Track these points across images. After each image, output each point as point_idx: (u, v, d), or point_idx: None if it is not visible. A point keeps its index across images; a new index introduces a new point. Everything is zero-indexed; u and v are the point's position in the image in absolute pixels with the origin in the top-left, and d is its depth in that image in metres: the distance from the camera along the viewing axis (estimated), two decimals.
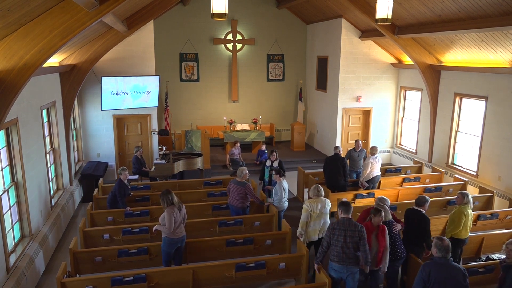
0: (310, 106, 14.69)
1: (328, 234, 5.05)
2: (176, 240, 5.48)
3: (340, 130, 12.50)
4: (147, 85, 10.58)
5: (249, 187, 6.96)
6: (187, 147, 11.10)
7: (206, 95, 14.41)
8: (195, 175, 10.50)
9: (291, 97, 15.17)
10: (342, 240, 4.96)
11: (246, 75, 14.64)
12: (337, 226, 5.02)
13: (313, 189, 6.13)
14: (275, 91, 15.02)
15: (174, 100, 14.13)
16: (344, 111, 12.40)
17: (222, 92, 14.53)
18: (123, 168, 7.25)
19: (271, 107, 15.06)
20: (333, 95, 12.69)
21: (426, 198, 5.54)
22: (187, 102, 14.29)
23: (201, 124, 14.12)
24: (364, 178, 8.56)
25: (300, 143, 13.87)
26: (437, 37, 9.29)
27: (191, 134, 11.13)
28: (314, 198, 6.09)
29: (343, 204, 5.06)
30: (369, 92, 12.41)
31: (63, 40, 4.92)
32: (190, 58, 13.97)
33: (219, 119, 14.24)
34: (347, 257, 4.95)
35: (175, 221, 5.42)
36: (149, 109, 10.96)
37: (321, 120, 13.70)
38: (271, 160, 8.54)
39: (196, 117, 14.27)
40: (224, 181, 9.02)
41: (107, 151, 10.82)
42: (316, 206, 6.01)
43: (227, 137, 13.00)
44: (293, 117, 15.22)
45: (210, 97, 14.46)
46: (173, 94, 14.08)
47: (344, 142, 12.65)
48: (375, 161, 8.50)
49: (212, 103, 14.51)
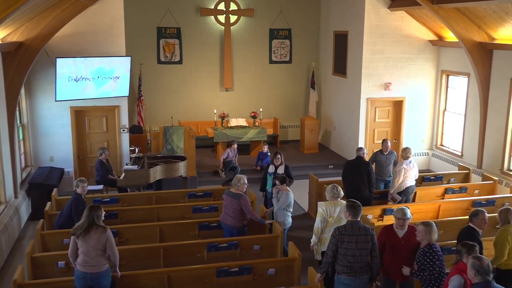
0: (325, 95, 14.69)
1: (334, 242, 5.31)
2: (81, 276, 5.41)
3: (364, 127, 12.53)
4: (115, 68, 10.60)
5: (245, 201, 6.99)
6: (167, 149, 11.10)
7: (191, 82, 14.42)
8: (176, 185, 10.57)
9: (300, 84, 15.18)
10: (354, 247, 5.26)
11: (242, 55, 14.69)
12: (346, 232, 5.29)
13: (330, 189, 6.43)
14: (280, 76, 15.03)
15: (150, 88, 14.13)
16: (369, 102, 12.43)
17: (211, 78, 14.57)
18: (81, 179, 7.22)
19: (275, 97, 15.09)
20: (354, 81, 12.70)
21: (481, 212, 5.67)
22: (166, 91, 14.30)
23: (184, 119, 14.09)
24: (395, 190, 8.63)
25: (312, 143, 13.94)
26: (488, 7, 9.35)
27: (172, 132, 11.12)
28: (332, 200, 6.36)
29: (352, 205, 5.38)
30: (401, 77, 12.50)
31: (7, 10, 4.86)
32: (171, 34, 14.01)
33: (208, 112, 14.19)
34: (360, 267, 5.25)
35: (81, 250, 5.40)
36: (117, 99, 10.98)
37: (340, 113, 13.68)
38: (274, 165, 8.58)
39: (178, 110, 14.26)
40: (215, 193, 9.05)
41: (63, 153, 10.84)
42: (333, 209, 6.23)
43: (218, 135, 13.01)
44: (304, 110, 15.27)
45: (196, 84, 14.45)
46: (149, 80, 14.09)
47: (369, 142, 12.68)
48: (409, 167, 8.58)
49: (199, 92, 14.53)
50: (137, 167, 9.90)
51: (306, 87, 15.13)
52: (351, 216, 5.38)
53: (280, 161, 8.55)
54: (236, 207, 6.98)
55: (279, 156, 8.56)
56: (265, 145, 12.37)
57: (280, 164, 8.54)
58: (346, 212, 5.40)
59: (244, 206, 6.97)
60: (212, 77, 14.55)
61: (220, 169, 11.96)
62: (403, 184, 8.59)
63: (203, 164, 12.66)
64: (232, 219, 7.04)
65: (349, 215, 5.39)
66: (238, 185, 7.04)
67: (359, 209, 5.39)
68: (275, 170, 8.51)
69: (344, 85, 13.34)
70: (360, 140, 12.55)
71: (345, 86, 13.28)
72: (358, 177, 8.35)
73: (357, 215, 5.39)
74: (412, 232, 5.51)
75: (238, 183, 7.04)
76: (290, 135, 15.28)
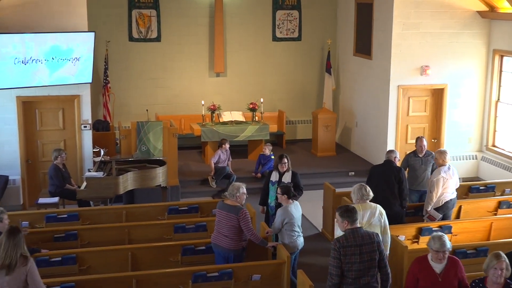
0: (345, 82, 14.61)
1: (337, 256, 5.52)
2: None
3: (394, 123, 12.46)
4: (74, 47, 10.55)
5: (245, 216, 6.99)
6: (141, 151, 11.09)
7: (172, 65, 14.34)
8: (153, 197, 10.48)
9: (312, 67, 15.10)
10: (358, 260, 5.52)
11: (238, 31, 14.62)
12: (348, 243, 5.53)
13: (358, 189, 6.70)
14: (287, 57, 14.95)
15: (120, 72, 14.03)
16: (401, 91, 12.40)
17: (198, 60, 14.49)
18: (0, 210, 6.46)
19: (280, 85, 14.97)
20: (382, 64, 12.65)
21: None
22: (140, 76, 14.21)
23: (164, 113, 14.01)
24: (432, 206, 8.61)
25: (327, 143, 13.86)
26: None
27: (148, 129, 11.10)
28: (359, 204, 6.59)
29: (347, 211, 5.63)
30: (441, 59, 12.44)
31: None
32: (146, 2, 13.99)
33: (194, 104, 14.11)
34: (367, 282, 5.52)
35: None
36: (77, 87, 10.93)
37: (363, 105, 13.63)
38: (279, 171, 8.56)
39: (155, 101, 14.17)
40: (203, 207, 8.97)
41: (7, 157, 10.75)
42: (361, 214, 6.37)
43: (208, 133, 12.97)
44: (317, 101, 15.13)
45: (179, 68, 14.40)
46: (118, 63, 13.99)
47: (401, 143, 12.59)
48: (448, 175, 8.55)
49: (183, 78, 14.44)
50: (102, 174, 9.83)
51: (320, 72, 15.00)
52: (349, 224, 5.62)
53: (287, 167, 8.53)
54: (233, 224, 6.95)
55: (286, 160, 8.53)
56: (268, 146, 12.30)
57: (286, 171, 8.52)
58: (343, 222, 5.62)
59: (243, 222, 6.94)
60: (199, 58, 14.47)
61: (210, 177, 11.90)
62: (442, 197, 8.56)
63: (188, 171, 12.53)
64: (228, 239, 6.98)
65: (348, 223, 5.62)
66: (236, 196, 7.04)
67: (355, 212, 5.66)
68: (279, 178, 8.48)
69: (368, 68, 13.28)
70: (389, 140, 12.48)
71: (370, 70, 13.22)
72: (387, 187, 8.33)
73: (355, 220, 5.64)
74: (454, 265, 5.51)
75: (237, 193, 7.04)
76: (299, 133, 15.20)
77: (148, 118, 12.52)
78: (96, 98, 13.40)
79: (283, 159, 8.53)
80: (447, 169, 8.53)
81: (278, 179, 8.46)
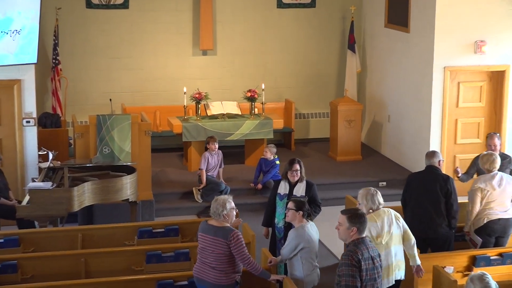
0: (373, 62, 14.67)
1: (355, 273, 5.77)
2: None
3: (439, 116, 12.49)
4: (13, 16, 10.54)
5: (236, 239, 6.96)
6: (103, 154, 11.05)
7: (143, 39, 14.39)
8: (119, 215, 10.58)
9: (330, 43, 15.14)
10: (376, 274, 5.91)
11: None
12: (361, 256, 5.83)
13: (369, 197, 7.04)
14: (296, 30, 14.97)
15: (75, 50, 14.08)
16: (449, 75, 12.38)
17: (179, 32, 14.54)
18: None
19: (287, 66, 14.97)
20: (423, 38, 12.68)
21: None
22: (102, 55, 14.26)
23: (133, 103, 14.11)
24: (471, 225, 8.65)
25: (350, 144, 13.88)
26: None
27: (112, 125, 11.07)
28: (372, 214, 6.87)
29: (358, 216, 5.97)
30: (501, 32, 12.44)
31: None
32: None
33: (173, 91, 14.26)
34: None
35: None
36: (17, 69, 10.98)
37: (398, 93, 13.67)
38: (289, 181, 8.58)
39: (122, 88, 14.29)
40: (184, 228, 9.01)
41: None
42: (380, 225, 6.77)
43: (191, 130, 12.90)
44: (336, 88, 15.19)
45: (153, 43, 14.42)
46: (72, 37, 14.04)
47: (449, 143, 12.59)
48: (491, 185, 8.54)
49: (158, 57, 14.49)
50: (51, 185, 9.72)
51: (341, 49, 15.04)
52: (358, 232, 5.95)
53: (299, 176, 8.55)
54: (222, 251, 6.93)
55: (298, 166, 8.52)
56: (270, 147, 12.28)
57: (298, 181, 8.54)
58: (350, 229, 5.92)
59: (235, 247, 6.91)
60: (180, 31, 14.50)
61: (195, 189, 11.87)
62: (483, 215, 8.55)
63: (165, 180, 12.54)
64: (216, 272, 6.94)
65: (356, 231, 5.94)
66: (222, 214, 7.01)
67: (366, 220, 6.03)
68: (289, 190, 8.51)
69: (405, 44, 13.26)
70: (432, 139, 12.45)
71: (407, 46, 13.20)
72: (430, 202, 8.34)
73: (365, 230, 6.03)
74: None
75: (223, 210, 7.00)
76: (313, 131, 15.21)
77: (112, 111, 12.69)
78: (42, 84, 13.41)
79: (295, 165, 8.51)
80: (491, 177, 8.52)
81: (288, 192, 8.47)
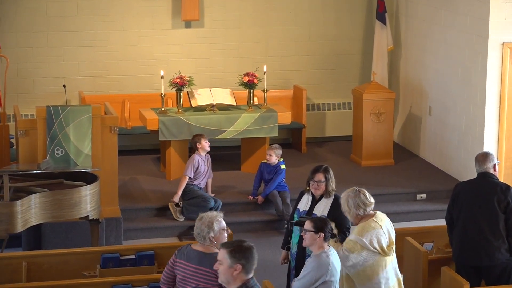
0: (410, 38, 14.78)
1: None
2: None
3: (497, 107, 12.43)
4: None
5: None
6: (54, 157, 10.93)
7: (108, 7, 14.39)
8: (76, 237, 10.82)
9: (352, 12, 15.19)
10: None
11: None
12: None
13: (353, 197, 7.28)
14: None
15: (17, 22, 14.14)
16: (508, 52, 12.27)
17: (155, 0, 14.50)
18: None
19: (296, 43, 15.01)
20: (475, 8, 12.62)
21: None
22: (53, 28, 14.23)
23: (93, 91, 14.35)
24: None
25: (380, 143, 13.86)
26: None
27: (67, 119, 10.98)
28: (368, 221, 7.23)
29: (238, 249, 5.81)
30: None
31: None
32: None
33: (147, 75, 14.48)
34: None
35: None
36: None
37: (442, 78, 13.71)
38: (313, 195, 8.43)
39: (79, 71, 14.38)
40: (161, 255, 8.95)
41: None
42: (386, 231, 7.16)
43: (171, 126, 12.83)
44: (361, 71, 15.34)
45: (121, 13, 14.41)
46: (15, 5, 14.08)
47: (508, 141, 12.45)
48: None
49: (127, 30, 14.51)
50: None
51: (367, 19, 15.03)
52: (244, 272, 5.90)
53: (324, 189, 8.32)
54: (208, 285, 6.76)
55: (323, 176, 8.33)
56: (275, 148, 11.90)
57: (324, 195, 8.32)
58: (233, 265, 5.85)
59: None
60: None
61: (171, 205, 11.54)
62: None
63: (137, 191, 12.51)
64: None
65: (241, 269, 5.92)
66: (208, 237, 6.76)
67: (253, 254, 6.24)
68: (311, 205, 8.35)
69: (452, 13, 13.15)
70: (487, 137, 12.30)
71: (453, 17, 13.10)
72: (484, 219, 8.22)
73: (252, 266, 6.34)
74: None
75: (209, 231, 6.78)
76: (329, 127, 15.08)
77: (67, 100, 12.85)
78: None
79: (317, 174, 8.30)
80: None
81: (309, 207, 8.43)
